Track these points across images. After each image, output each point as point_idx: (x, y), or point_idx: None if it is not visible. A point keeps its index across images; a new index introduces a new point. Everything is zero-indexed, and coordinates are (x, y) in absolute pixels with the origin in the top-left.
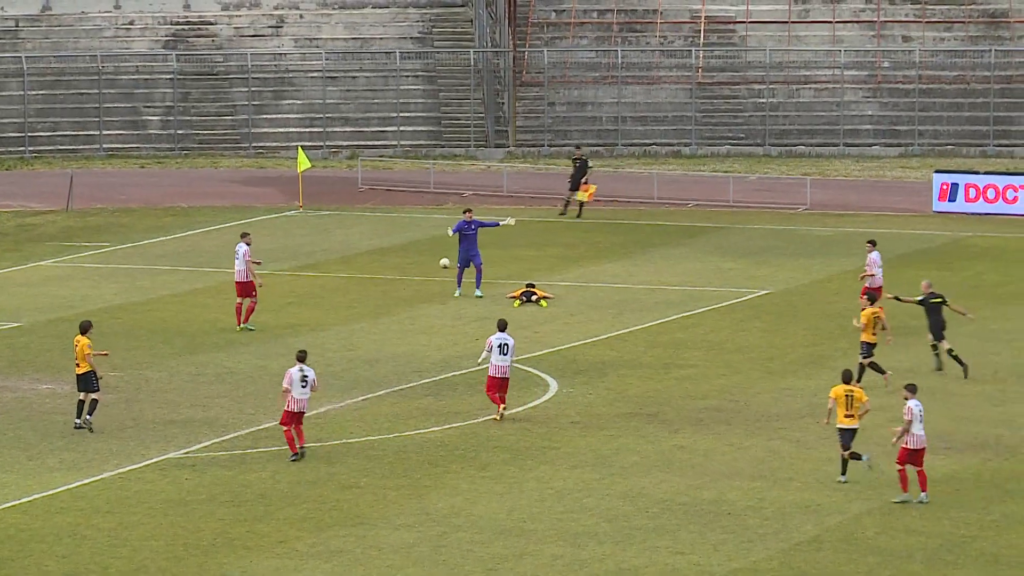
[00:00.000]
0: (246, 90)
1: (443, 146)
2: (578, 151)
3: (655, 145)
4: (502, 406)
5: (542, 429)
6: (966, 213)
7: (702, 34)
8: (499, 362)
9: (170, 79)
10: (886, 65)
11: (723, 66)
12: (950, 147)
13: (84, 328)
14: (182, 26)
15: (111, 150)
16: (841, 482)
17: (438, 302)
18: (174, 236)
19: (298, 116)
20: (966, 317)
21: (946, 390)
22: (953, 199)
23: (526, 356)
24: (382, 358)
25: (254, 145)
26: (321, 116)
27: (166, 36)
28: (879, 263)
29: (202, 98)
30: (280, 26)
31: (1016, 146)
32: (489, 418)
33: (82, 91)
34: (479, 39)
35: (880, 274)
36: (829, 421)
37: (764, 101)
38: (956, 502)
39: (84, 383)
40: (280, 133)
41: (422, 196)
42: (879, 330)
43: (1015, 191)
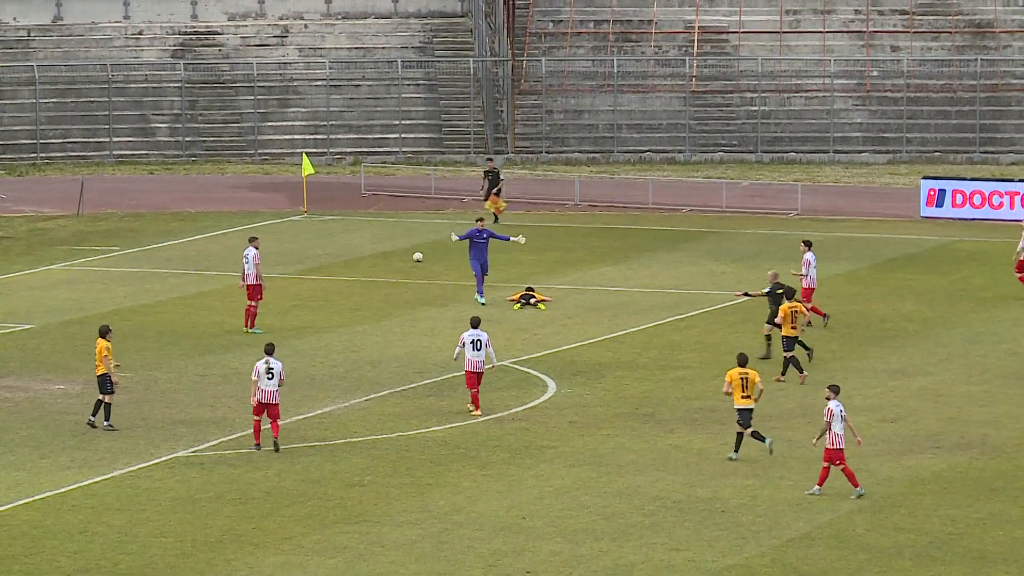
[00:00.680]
0: (252, 98)
1: (444, 153)
2: (490, 163)
3: (650, 152)
4: (477, 408)
5: (541, 429)
6: (953, 218)
7: (695, 44)
8: (473, 357)
9: (178, 87)
10: (875, 74)
11: (716, 75)
12: (937, 154)
13: (103, 332)
14: (190, 36)
15: (121, 156)
16: (731, 459)
17: (439, 305)
18: (182, 240)
19: (303, 123)
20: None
21: (935, 391)
22: (940, 205)
23: (525, 357)
24: (385, 359)
25: (260, 152)
26: (325, 123)
27: (174, 46)
28: (813, 263)
29: (209, 106)
30: (285, 36)
31: (1002, 153)
32: (489, 418)
33: (92, 99)
34: (478, 48)
35: (814, 274)
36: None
37: (756, 109)
38: (944, 500)
39: (101, 385)
40: (285, 140)
41: (423, 201)
42: (799, 324)
43: (1001, 197)
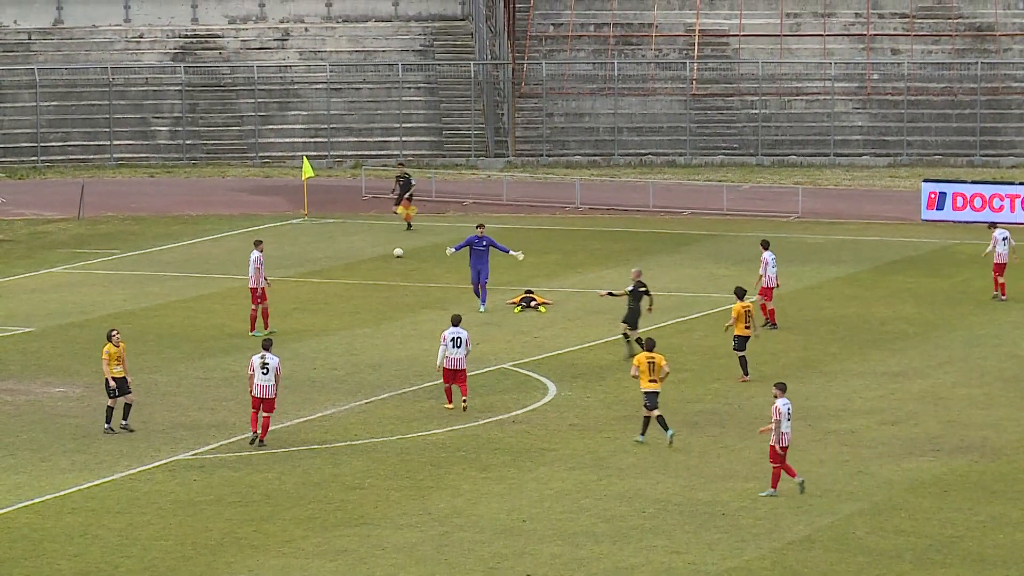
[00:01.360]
0: (252, 101)
1: (444, 156)
2: (401, 167)
3: (651, 155)
4: (464, 399)
5: (541, 431)
6: (954, 221)
7: (696, 47)
8: (452, 355)
9: (178, 91)
10: (875, 77)
11: (717, 78)
12: (938, 157)
13: (108, 336)
14: (190, 39)
15: (121, 160)
16: (638, 441)
17: (439, 308)
18: (182, 243)
19: (303, 127)
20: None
21: (935, 394)
22: (941, 208)
23: (526, 360)
24: (385, 362)
25: (260, 155)
26: (325, 127)
27: (175, 49)
28: (771, 263)
29: (210, 109)
30: (286, 39)
31: (1002, 156)
32: (489, 420)
33: (93, 102)
34: (479, 52)
35: (772, 273)
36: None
37: (757, 112)
38: (944, 503)
39: (119, 387)
40: (286, 143)
41: (424, 204)
42: (751, 323)
43: (1001, 200)
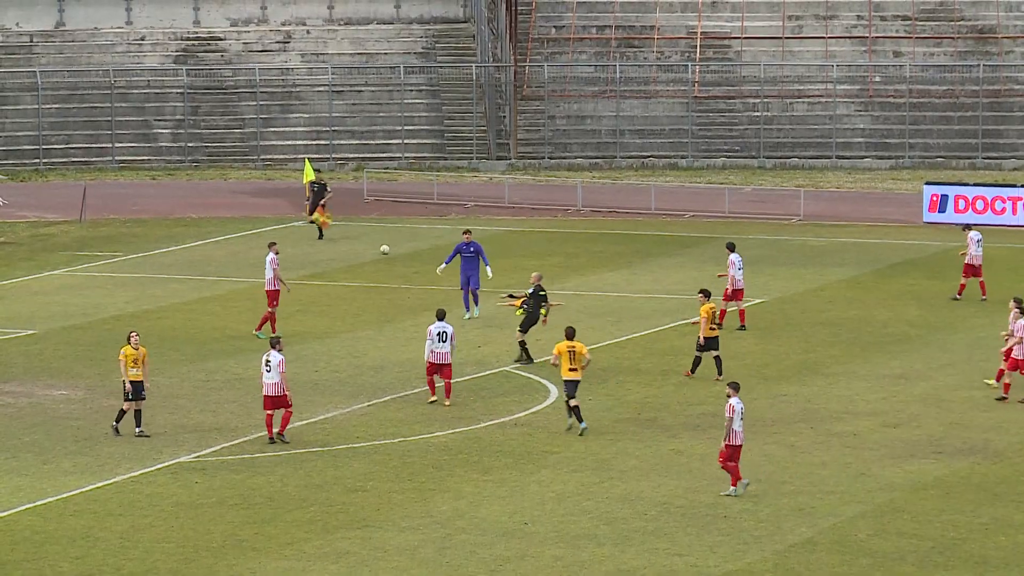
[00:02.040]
0: (254, 104)
1: (446, 158)
2: (317, 173)
3: (653, 157)
4: (447, 399)
5: (543, 434)
6: (956, 224)
7: (698, 49)
8: (438, 349)
9: (180, 93)
10: (877, 80)
11: (719, 80)
12: (940, 159)
13: (128, 338)
14: (192, 42)
15: (123, 162)
16: (583, 429)
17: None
18: (184, 246)
19: (305, 129)
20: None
21: (937, 396)
22: (943, 210)
23: (537, 362)
24: (387, 365)
25: (262, 157)
26: (327, 129)
27: (176, 51)
28: (738, 265)
29: (212, 111)
30: (287, 42)
31: (1004, 158)
32: (491, 423)
33: (95, 105)
34: (481, 54)
35: (740, 275)
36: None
37: (759, 114)
38: (947, 506)
39: (135, 390)
40: (288, 146)
41: (426, 207)
42: (716, 324)
43: (1003, 202)
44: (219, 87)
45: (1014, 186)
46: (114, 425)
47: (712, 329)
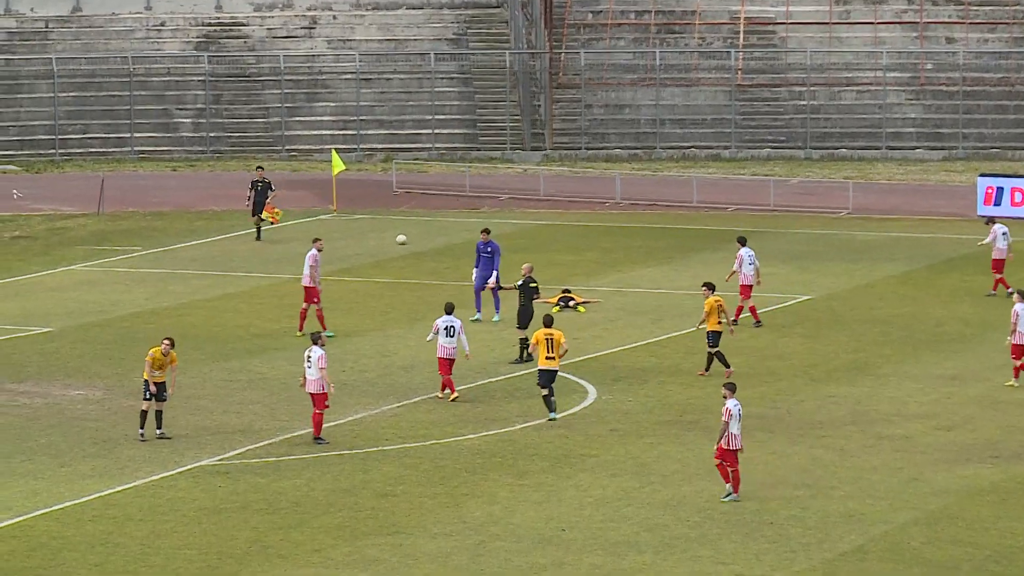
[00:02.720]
0: (279, 92)
1: (479, 149)
2: (259, 172)
3: (694, 148)
4: (453, 392)
5: (581, 436)
6: (1012, 217)
7: (741, 35)
8: (447, 344)
9: (202, 81)
10: (929, 67)
11: (763, 68)
12: (995, 150)
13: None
14: (214, 27)
15: (142, 153)
16: (551, 419)
17: (473, 307)
18: (206, 240)
19: (332, 118)
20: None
21: (992, 398)
22: (998, 203)
23: (564, 362)
24: (417, 364)
25: (287, 148)
26: (355, 118)
27: (198, 37)
28: (747, 260)
29: (234, 100)
30: (313, 27)
31: None
32: (527, 425)
33: (113, 93)
34: (515, 40)
35: (749, 271)
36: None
37: (805, 103)
38: (1003, 512)
39: (157, 390)
40: (313, 136)
41: (457, 200)
42: (723, 318)
43: None
44: (242, 75)
45: None
46: (141, 433)
47: (719, 324)
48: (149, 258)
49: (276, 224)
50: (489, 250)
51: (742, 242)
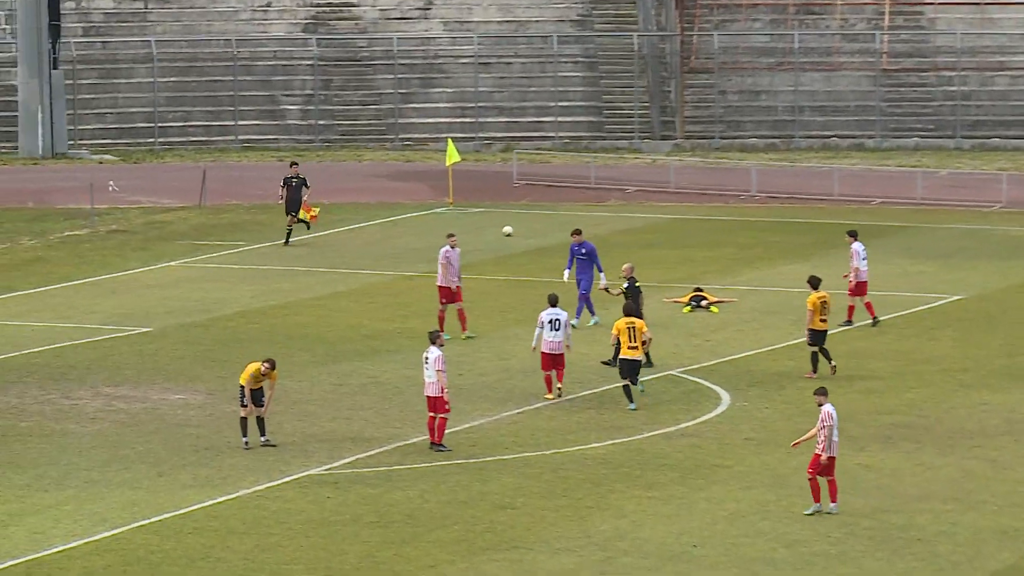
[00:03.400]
0: (392, 77)
1: (605, 138)
2: (293, 168)
3: (835, 137)
4: (559, 384)
5: (713, 446)
6: None
7: (886, 16)
8: (551, 338)
9: (310, 66)
10: None
11: (910, 51)
12: None
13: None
14: (323, 8)
15: (247, 142)
16: (631, 410)
17: (599, 307)
18: (314, 235)
19: (448, 105)
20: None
21: None
22: None
23: (696, 366)
24: (539, 368)
25: (400, 137)
26: (473, 105)
27: (306, 19)
28: (862, 255)
29: (344, 86)
30: (428, 8)
31: None
32: (656, 433)
33: (216, 78)
34: (643, 22)
35: (864, 266)
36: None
37: (955, 89)
38: None
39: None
40: (428, 124)
41: (582, 192)
42: (828, 316)
43: None
44: (353, 59)
45: None
46: (245, 441)
47: (822, 322)
48: (254, 254)
49: (314, 222)
50: (584, 251)
51: (853, 236)
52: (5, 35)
